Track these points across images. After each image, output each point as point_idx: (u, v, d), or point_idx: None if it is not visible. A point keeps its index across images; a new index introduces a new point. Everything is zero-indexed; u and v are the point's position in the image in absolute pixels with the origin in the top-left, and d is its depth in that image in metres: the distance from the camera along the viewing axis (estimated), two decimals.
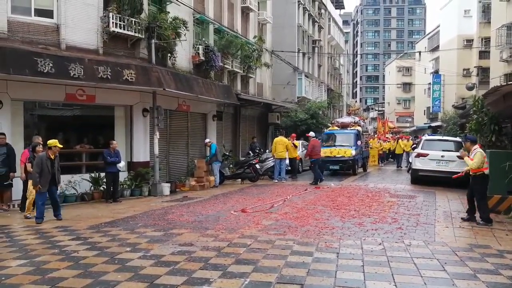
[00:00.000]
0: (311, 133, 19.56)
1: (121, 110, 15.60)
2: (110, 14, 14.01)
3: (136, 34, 14.94)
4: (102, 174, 13.95)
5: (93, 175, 14.16)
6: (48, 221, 10.33)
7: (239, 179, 19.16)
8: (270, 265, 6.55)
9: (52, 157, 10.30)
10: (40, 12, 13.01)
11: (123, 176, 14.72)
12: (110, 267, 6.50)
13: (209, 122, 20.72)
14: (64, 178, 13.35)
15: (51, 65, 11.91)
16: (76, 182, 13.67)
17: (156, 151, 15.58)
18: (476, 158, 9.87)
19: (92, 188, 14.13)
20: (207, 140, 18.64)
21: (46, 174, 10.11)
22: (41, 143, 11.86)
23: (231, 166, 20.61)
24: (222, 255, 7.10)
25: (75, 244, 7.96)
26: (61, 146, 10.67)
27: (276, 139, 20.09)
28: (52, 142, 10.39)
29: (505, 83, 14.98)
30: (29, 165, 10.99)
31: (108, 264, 6.69)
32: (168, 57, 16.76)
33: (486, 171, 9.98)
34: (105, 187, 13.93)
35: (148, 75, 14.48)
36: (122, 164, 13.95)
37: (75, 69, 12.40)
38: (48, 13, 13.13)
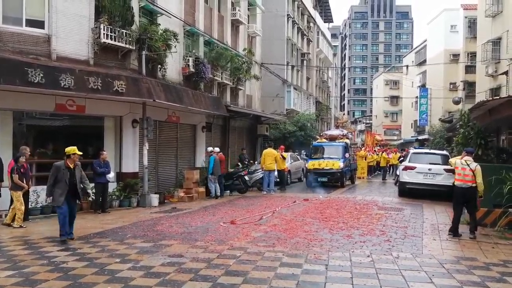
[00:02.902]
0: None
1: (111, 121, 15.59)
2: (101, 26, 14.04)
3: (127, 46, 14.98)
4: (91, 185, 13.87)
5: (81, 185, 14.06)
6: (36, 232, 10.28)
7: (228, 191, 19.16)
8: (260, 277, 6.60)
9: (72, 166, 9.37)
10: (31, 23, 13.01)
11: (112, 186, 14.68)
12: (99, 278, 6.50)
13: (199, 133, 20.76)
14: None
15: (41, 75, 11.89)
16: None
17: (145, 162, 15.58)
18: None
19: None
20: (210, 149, 18.44)
21: (63, 186, 9.14)
22: (28, 153, 11.83)
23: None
24: (212, 267, 7.13)
25: (64, 255, 7.94)
26: (80, 153, 9.68)
27: (265, 151, 20.14)
28: (71, 149, 9.40)
29: (491, 98, 15.29)
30: (15, 176, 10.90)
31: (98, 275, 6.68)
32: (158, 69, 16.82)
33: (455, 182, 10.45)
34: (94, 197, 13.86)
35: (138, 86, 14.51)
36: (111, 175, 13.93)
37: (66, 79, 12.39)
38: (39, 24, 13.13)
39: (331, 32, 74.81)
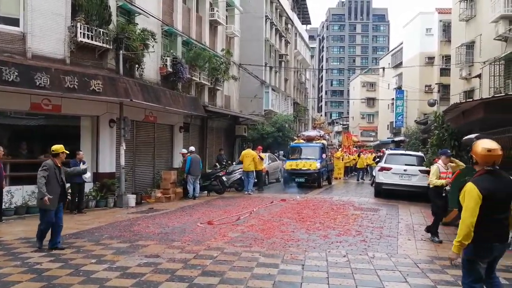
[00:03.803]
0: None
1: (88, 120, 15.43)
2: (78, 24, 13.90)
3: (104, 45, 14.85)
4: (67, 185, 13.70)
5: None
6: (9, 232, 10.12)
7: (206, 191, 19.12)
8: (237, 277, 6.62)
9: (60, 165, 8.59)
10: (5, 20, 12.77)
11: (88, 187, 14.53)
12: (74, 279, 6.43)
13: (176, 134, 20.67)
14: (28, 189, 13.12)
15: (16, 73, 11.69)
16: None
17: (122, 162, 15.46)
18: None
19: None
20: (184, 150, 18.40)
21: (55, 187, 8.28)
22: (2, 153, 11.64)
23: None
24: (188, 267, 7.12)
25: (38, 255, 7.83)
26: (68, 152, 8.89)
27: (243, 152, 20.17)
28: (59, 147, 8.59)
29: (464, 100, 15.55)
30: None
31: (73, 276, 6.62)
32: (136, 68, 16.71)
33: None
34: (70, 197, 13.69)
35: (116, 86, 14.38)
36: (88, 175, 13.73)
37: (41, 78, 12.21)
38: (14, 22, 12.90)
39: (309, 34, 75.27)
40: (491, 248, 4.48)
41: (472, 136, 10.28)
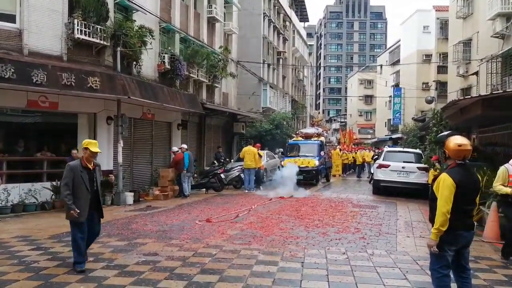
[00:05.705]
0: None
1: (85, 118, 15.33)
2: (75, 21, 13.78)
3: (101, 42, 14.74)
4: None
5: (54, 183, 13.80)
6: (6, 230, 10.04)
7: (204, 189, 19.07)
8: (236, 275, 6.58)
9: (91, 167, 7.14)
10: (1, 17, 12.65)
11: None
12: (72, 278, 6.39)
13: (174, 131, 20.59)
14: (24, 187, 13.07)
15: (12, 70, 11.57)
16: (36, 191, 13.31)
17: (120, 159, 15.37)
18: None
19: (53, 197, 13.78)
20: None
21: (83, 194, 6.84)
22: None
23: (195, 175, 20.50)
24: (187, 265, 7.08)
25: (35, 254, 7.78)
26: (100, 151, 7.35)
27: (244, 149, 20.10)
28: (85, 142, 7.39)
29: (462, 97, 15.53)
30: None
31: (70, 274, 6.57)
32: (134, 65, 16.61)
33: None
34: None
35: (113, 82, 14.28)
36: None
37: (38, 75, 12.09)
38: (10, 18, 12.77)
39: (307, 31, 75.12)
40: (459, 236, 4.86)
41: (445, 133, 10.21)
